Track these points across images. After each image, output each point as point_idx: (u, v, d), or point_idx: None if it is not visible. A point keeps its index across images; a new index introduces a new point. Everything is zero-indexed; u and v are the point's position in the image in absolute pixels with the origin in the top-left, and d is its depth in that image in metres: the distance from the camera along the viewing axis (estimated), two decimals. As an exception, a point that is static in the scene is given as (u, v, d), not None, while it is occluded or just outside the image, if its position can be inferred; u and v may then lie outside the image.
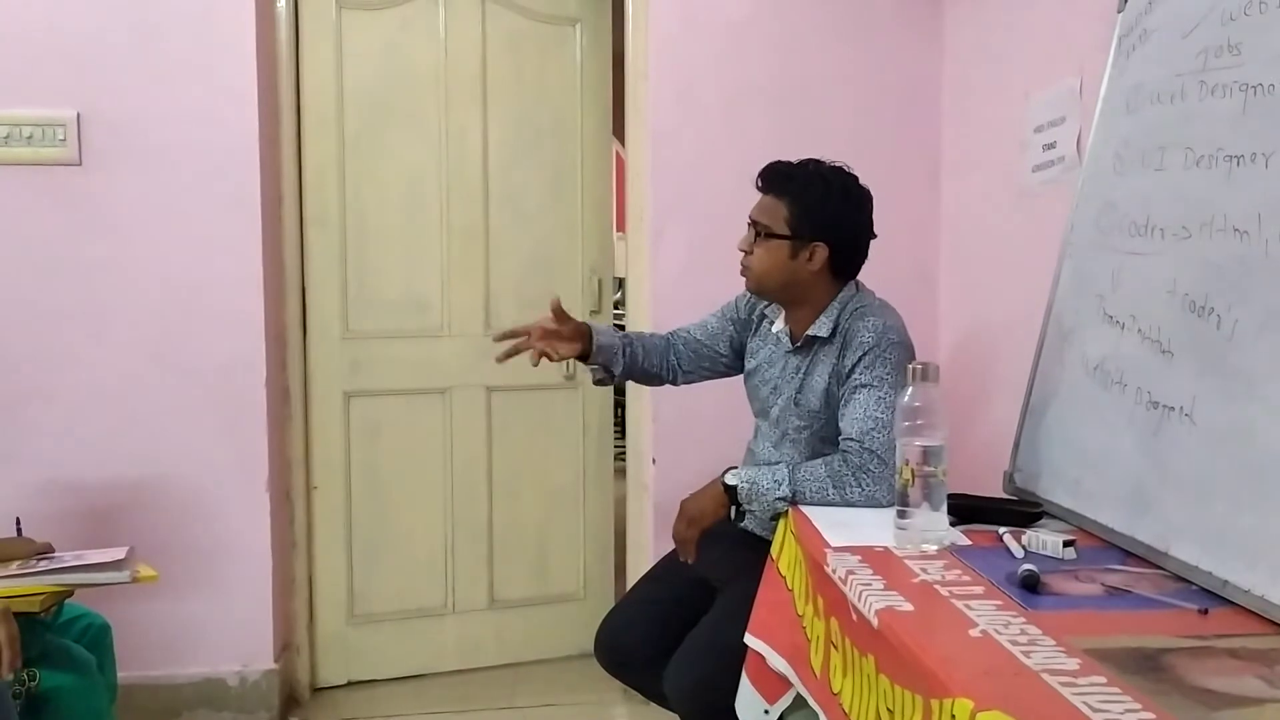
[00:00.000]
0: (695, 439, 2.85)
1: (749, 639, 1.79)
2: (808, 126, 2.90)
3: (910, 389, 1.55)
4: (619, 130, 3.18)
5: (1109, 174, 1.82)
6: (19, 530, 2.09)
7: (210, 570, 2.72)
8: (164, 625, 2.70)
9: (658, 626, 2.11)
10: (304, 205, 2.94)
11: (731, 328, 2.24)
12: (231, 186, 2.70)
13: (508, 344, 2.14)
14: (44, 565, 1.85)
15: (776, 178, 2.02)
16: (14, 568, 1.85)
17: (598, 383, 2.28)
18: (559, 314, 2.13)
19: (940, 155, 2.99)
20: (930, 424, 1.53)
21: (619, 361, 2.21)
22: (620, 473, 3.23)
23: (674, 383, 2.32)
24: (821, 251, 1.98)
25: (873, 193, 2.02)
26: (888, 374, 1.90)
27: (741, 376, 2.25)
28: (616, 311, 3.68)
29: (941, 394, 1.55)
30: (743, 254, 2.04)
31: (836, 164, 2.03)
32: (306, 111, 2.92)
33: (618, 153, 3.32)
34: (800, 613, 1.69)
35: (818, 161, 2.03)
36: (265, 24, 2.76)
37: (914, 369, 1.56)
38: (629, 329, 3.06)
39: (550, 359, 2.11)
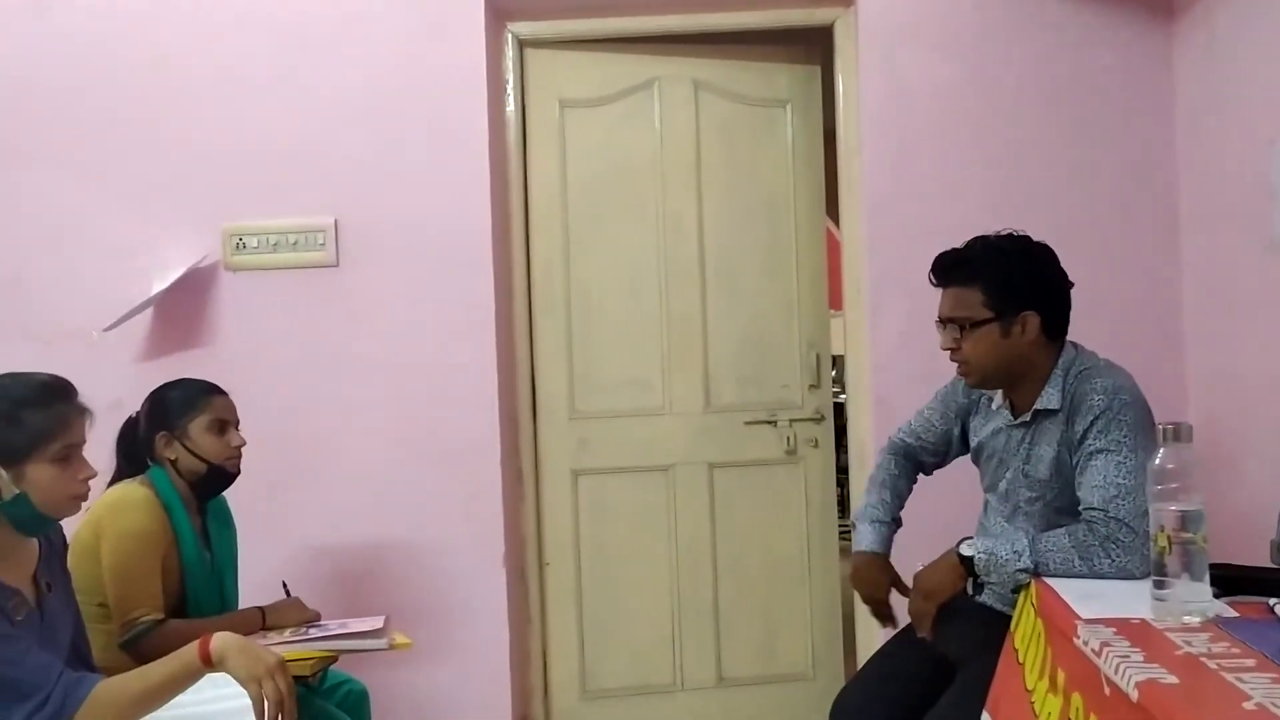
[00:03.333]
0: (921, 510, 2.76)
1: (985, 718, 1.71)
2: (1029, 190, 2.84)
3: (1162, 450, 1.47)
4: (831, 209, 3.20)
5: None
6: (286, 592, 2.28)
7: (452, 641, 2.85)
8: (410, 692, 2.83)
9: (895, 706, 2.05)
10: (532, 294, 3.11)
11: (957, 421, 2.19)
12: (468, 280, 2.89)
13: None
14: (314, 632, 2.00)
15: (953, 268, 1.97)
16: (287, 634, 2.01)
17: None
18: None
19: (1178, 210, 2.85)
20: (1186, 487, 1.44)
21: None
22: (844, 553, 3.17)
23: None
24: (1033, 320, 1.92)
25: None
26: (1125, 437, 1.81)
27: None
28: (835, 388, 3.66)
29: (1196, 456, 1.46)
30: (951, 353, 1.98)
31: (1004, 231, 1.98)
32: (533, 206, 3.11)
33: (829, 231, 3.35)
34: (1030, 687, 1.61)
35: (983, 237, 1.98)
36: (496, 128, 2.97)
37: (1165, 429, 1.48)
38: (849, 405, 3.06)
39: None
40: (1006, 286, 1.91)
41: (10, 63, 2.87)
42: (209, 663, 1.51)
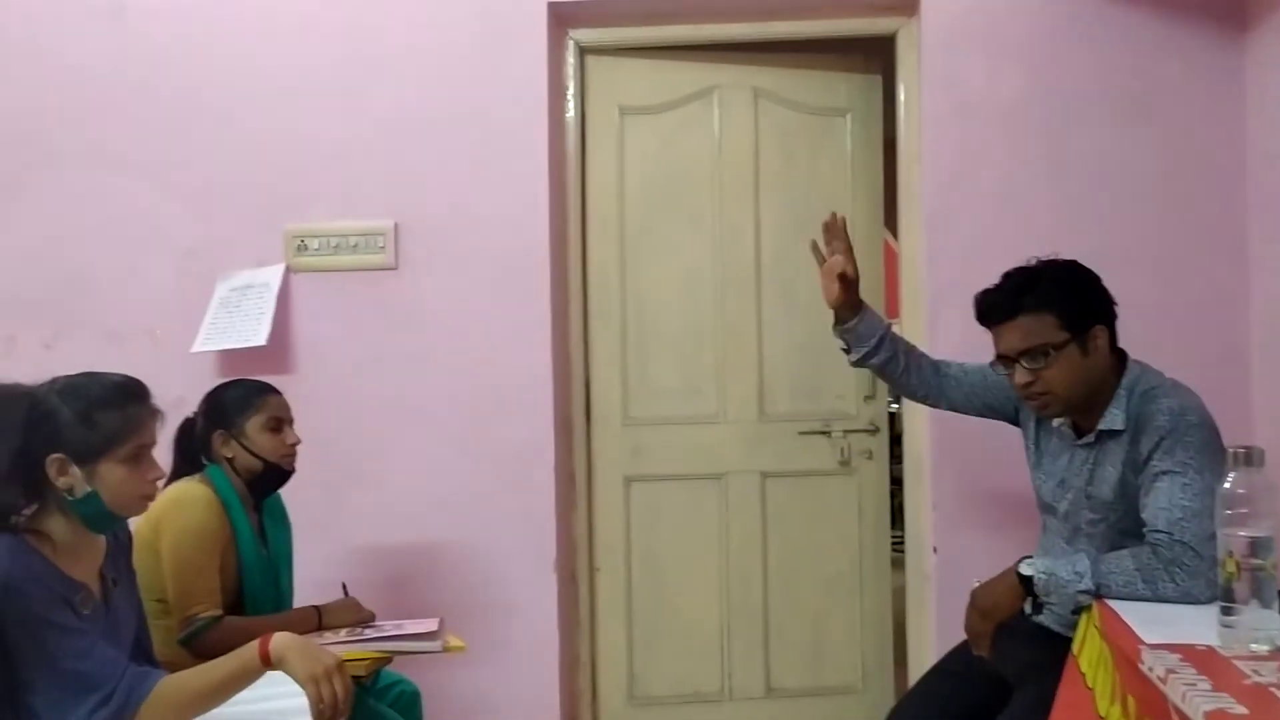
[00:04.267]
0: (978, 526, 2.75)
1: (1050, 741, 1.69)
2: (1094, 204, 2.79)
3: (1232, 475, 1.44)
4: (888, 219, 3.17)
5: None
6: (345, 592, 2.30)
7: (502, 643, 2.86)
8: (460, 694, 2.84)
9: (949, 724, 2.04)
10: (588, 300, 3.12)
11: (1010, 402, 2.16)
12: (525, 284, 2.90)
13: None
14: (370, 633, 2.03)
15: (1014, 298, 1.92)
16: (343, 634, 2.03)
17: (854, 362, 2.30)
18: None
19: (1247, 225, 2.78)
20: (1256, 513, 1.41)
21: (878, 353, 2.23)
22: (897, 564, 3.15)
23: (929, 405, 2.33)
24: (1102, 334, 1.91)
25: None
26: (1191, 458, 1.78)
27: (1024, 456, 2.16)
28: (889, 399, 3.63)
29: (1268, 481, 1.43)
30: (1024, 387, 1.92)
31: (1031, 262, 1.96)
32: (591, 211, 3.12)
33: (886, 242, 3.32)
34: (1103, 714, 1.58)
35: (1020, 268, 1.96)
36: (556, 133, 2.99)
37: (1236, 453, 1.45)
38: (903, 416, 3.04)
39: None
40: (1074, 304, 1.89)
41: (87, 65, 2.94)
42: (268, 662, 1.53)
